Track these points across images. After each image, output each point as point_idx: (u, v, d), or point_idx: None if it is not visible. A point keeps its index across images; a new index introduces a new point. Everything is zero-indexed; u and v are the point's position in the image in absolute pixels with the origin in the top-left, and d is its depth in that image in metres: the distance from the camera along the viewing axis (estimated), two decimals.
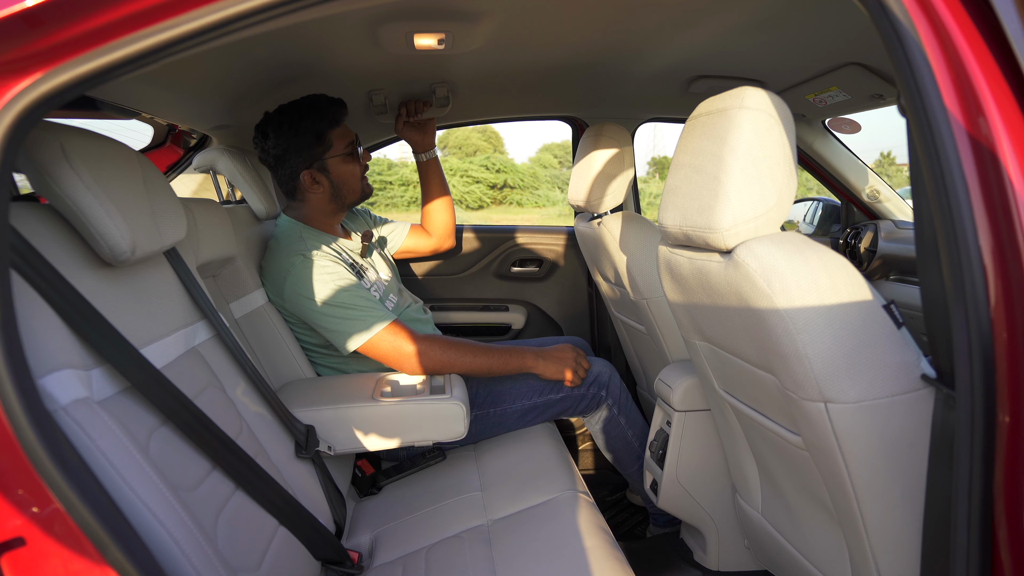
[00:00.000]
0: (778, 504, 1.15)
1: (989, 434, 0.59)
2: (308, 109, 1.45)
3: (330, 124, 1.46)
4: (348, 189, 1.54)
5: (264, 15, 0.62)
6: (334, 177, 1.51)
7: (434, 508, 1.30)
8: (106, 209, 0.79)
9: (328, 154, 1.49)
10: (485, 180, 19.42)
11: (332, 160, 1.49)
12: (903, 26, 0.60)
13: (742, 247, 0.86)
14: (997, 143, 0.58)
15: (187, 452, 0.85)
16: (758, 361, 0.94)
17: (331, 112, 1.46)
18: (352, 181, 1.54)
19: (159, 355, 0.89)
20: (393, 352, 1.40)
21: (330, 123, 1.46)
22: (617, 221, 1.62)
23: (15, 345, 0.59)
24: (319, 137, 1.46)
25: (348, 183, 1.53)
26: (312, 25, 1.14)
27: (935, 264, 0.65)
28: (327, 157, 1.49)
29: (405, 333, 1.41)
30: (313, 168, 1.49)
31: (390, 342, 1.39)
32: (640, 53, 1.47)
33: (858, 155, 2.02)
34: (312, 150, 1.47)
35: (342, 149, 1.49)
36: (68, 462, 0.59)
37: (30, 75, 0.58)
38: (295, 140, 1.45)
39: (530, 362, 1.49)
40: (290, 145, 1.46)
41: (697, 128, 0.95)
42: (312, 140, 1.46)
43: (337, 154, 1.49)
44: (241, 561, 0.85)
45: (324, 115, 1.45)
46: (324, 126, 1.46)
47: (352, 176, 1.53)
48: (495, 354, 1.47)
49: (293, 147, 1.46)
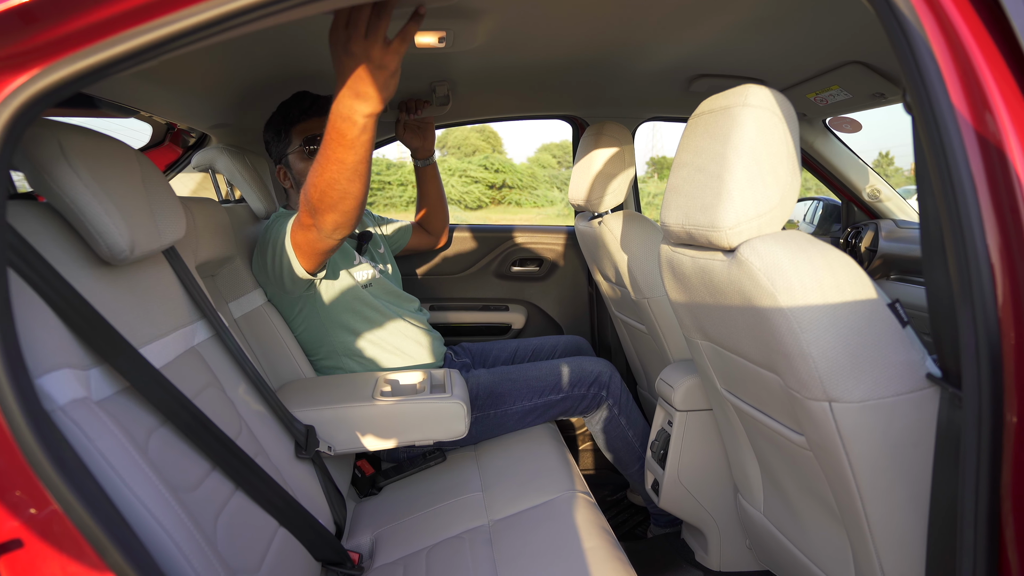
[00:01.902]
0: (780, 504, 1.14)
1: (996, 434, 0.59)
2: (280, 106, 1.47)
3: (290, 122, 1.45)
4: None
5: (262, 12, 0.61)
6: (296, 173, 1.49)
7: (435, 508, 1.30)
8: (104, 207, 0.78)
9: (289, 150, 1.47)
10: (484, 180, 19.40)
11: (291, 156, 1.48)
12: (909, 22, 0.60)
13: (745, 246, 0.86)
14: (1004, 140, 0.57)
15: (186, 453, 0.85)
16: (761, 360, 0.93)
17: (294, 109, 1.45)
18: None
19: (158, 355, 0.88)
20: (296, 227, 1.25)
21: (291, 120, 1.45)
22: (618, 220, 1.61)
23: (12, 345, 0.59)
24: (279, 134, 1.47)
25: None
26: (312, 23, 1.14)
27: (941, 262, 0.65)
28: (288, 153, 1.48)
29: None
30: (281, 164, 1.51)
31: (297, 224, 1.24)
32: (641, 51, 1.46)
33: (858, 155, 2.02)
34: (277, 146, 1.49)
35: (299, 145, 1.46)
36: (66, 463, 0.59)
37: (26, 71, 0.57)
38: (269, 135, 1.50)
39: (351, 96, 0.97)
40: (268, 140, 1.52)
41: (700, 126, 0.95)
42: (275, 136, 1.48)
43: (293, 151, 1.47)
44: (241, 562, 0.84)
45: (288, 112, 1.46)
46: (286, 124, 1.46)
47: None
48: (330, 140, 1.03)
49: (269, 142, 1.51)
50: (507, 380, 1.56)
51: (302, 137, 1.46)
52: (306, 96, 1.47)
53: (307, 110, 1.46)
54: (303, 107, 1.46)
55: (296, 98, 1.47)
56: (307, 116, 1.46)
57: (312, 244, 1.24)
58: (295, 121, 1.46)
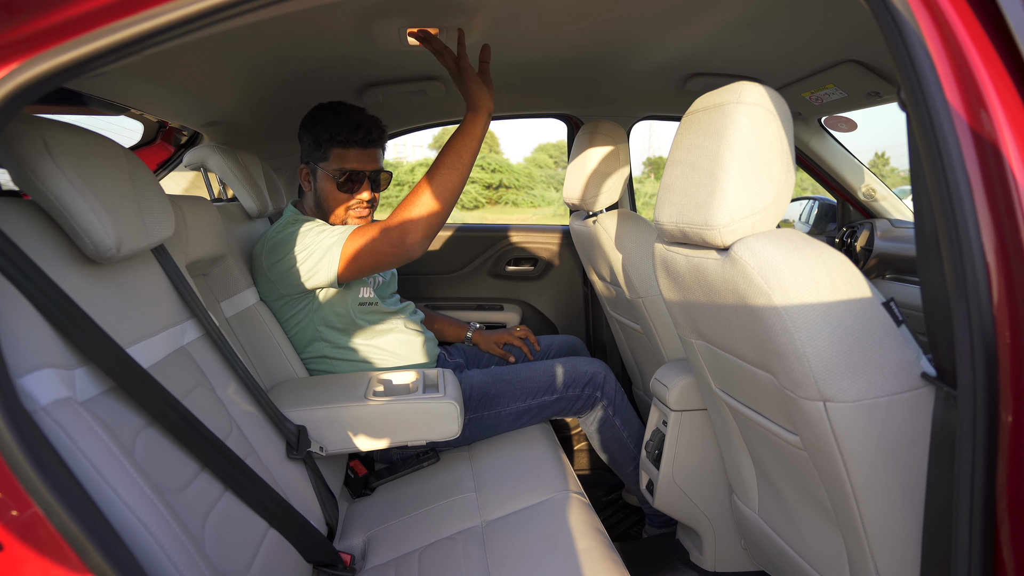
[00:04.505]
0: (775, 504, 1.14)
1: (991, 433, 0.58)
2: (333, 114, 1.43)
3: (333, 138, 1.42)
4: (327, 207, 1.49)
5: (251, 4, 0.60)
6: (318, 188, 1.49)
7: (428, 509, 1.29)
8: (90, 204, 0.77)
9: (321, 163, 1.46)
10: (480, 180, 19.39)
11: (321, 170, 1.47)
12: (904, 19, 0.59)
13: (739, 244, 0.85)
14: (1000, 137, 0.57)
15: (174, 454, 0.83)
16: (756, 360, 0.93)
17: (344, 129, 1.42)
18: (331, 203, 1.48)
19: (146, 354, 0.87)
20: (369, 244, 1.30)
21: (334, 137, 1.42)
22: (612, 219, 1.61)
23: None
24: (318, 143, 1.44)
25: (327, 202, 1.48)
26: (304, 20, 1.13)
27: (936, 261, 0.64)
28: (319, 164, 1.47)
29: (369, 227, 1.32)
30: (307, 166, 1.50)
31: (361, 238, 1.31)
32: (636, 49, 1.46)
33: (854, 154, 2.02)
34: (310, 150, 1.47)
35: (330, 168, 1.45)
36: (47, 464, 0.58)
37: (7, 65, 0.56)
38: (306, 133, 1.47)
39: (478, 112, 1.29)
40: (302, 135, 1.49)
41: (694, 124, 0.94)
42: (313, 140, 1.45)
43: (326, 169, 1.45)
44: (229, 565, 0.83)
45: (335, 127, 1.42)
46: (328, 136, 1.43)
47: (331, 198, 1.47)
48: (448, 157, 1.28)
49: (303, 136, 1.49)
50: (500, 381, 1.56)
51: (339, 166, 1.44)
52: (361, 125, 1.43)
53: (353, 139, 1.42)
54: (354, 136, 1.42)
55: (350, 117, 1.43)
56: (350, 144, 1.43)
57: (380, 261, 1.33)
58: (338, 141, 1.42)
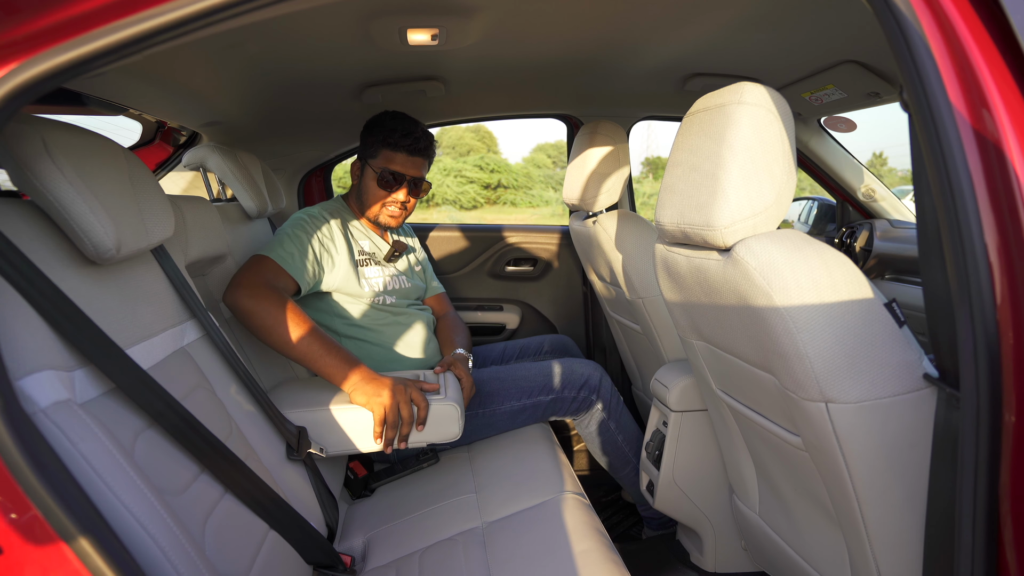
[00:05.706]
0: (776, 505, 1.14)
1: (994, 434, 0.58)
2: (392, 119, 1.55)
3: (385, 139, 1.53)
4: (366, 200, 1.59)
5: (251, 4, 0.60)
6: (362, 181, 1.59)
7: (428, 511, 1.28)
8: (89, 205, 0.76)
9: (371, 159, 1.56)
10: (479, 180, 19.38)
11: (368, 166, 1.57)
12: (906, 19, 0.59)
13: (740, 245, 0.85)
14: (1003, 137, 0.56)
15: (174, 455, 0.83)
16: (757, 361, 0.93)
17: (397, 133, 1.53)
18: (369, 198, 1.58)
19: (146, 356, 0.87)
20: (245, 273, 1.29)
21: (386, 139, 1.53)
22: (612, 219, 1.61)
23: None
24: (375, 142, 1.55)
25: (367, 195, 1.58)
26: (303, 20, 1.12)
27: (939, 261, 0.64)
28: (368, 160, 1.57)
29: (268, 268, 1.31)
30: (360, 161, 1.61)
31: (250, 266, 1.31)
32: (635, 50, 1.46)
33: (853, 154, 2.02)
34: (367, 146, 1.58)
35: (377, 166, 1.55)
36: (47, 467, 0.57)
37: (6, 65, 0.55)
38: (369, 132, 1.58)
39: (346, 381, 1.25)
40: (365, 131, 1.59)
41: (695, 124, 0.94)
42: (371, 139, 1.56)
43: (373, 166, 1.55)
44: (230, 566, 0.83)
45: (390, 129, 1.53)
46: (382, 137, 1.54)
47: (371, 193, 1.57)
48: (316, 347, 1.25)
49: (364, 134, 1.59)
50: (496, 380, 1.56)
51: (384, 165, 1.55)
52: (412, 134, 1.54)
53: (402, 144, 1.53)
54: (404, 141, 1.53)
55: (405, 124, 1.54)
56: (399, 148, 1.53)
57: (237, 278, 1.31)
58: (389, 143, 1.53)
